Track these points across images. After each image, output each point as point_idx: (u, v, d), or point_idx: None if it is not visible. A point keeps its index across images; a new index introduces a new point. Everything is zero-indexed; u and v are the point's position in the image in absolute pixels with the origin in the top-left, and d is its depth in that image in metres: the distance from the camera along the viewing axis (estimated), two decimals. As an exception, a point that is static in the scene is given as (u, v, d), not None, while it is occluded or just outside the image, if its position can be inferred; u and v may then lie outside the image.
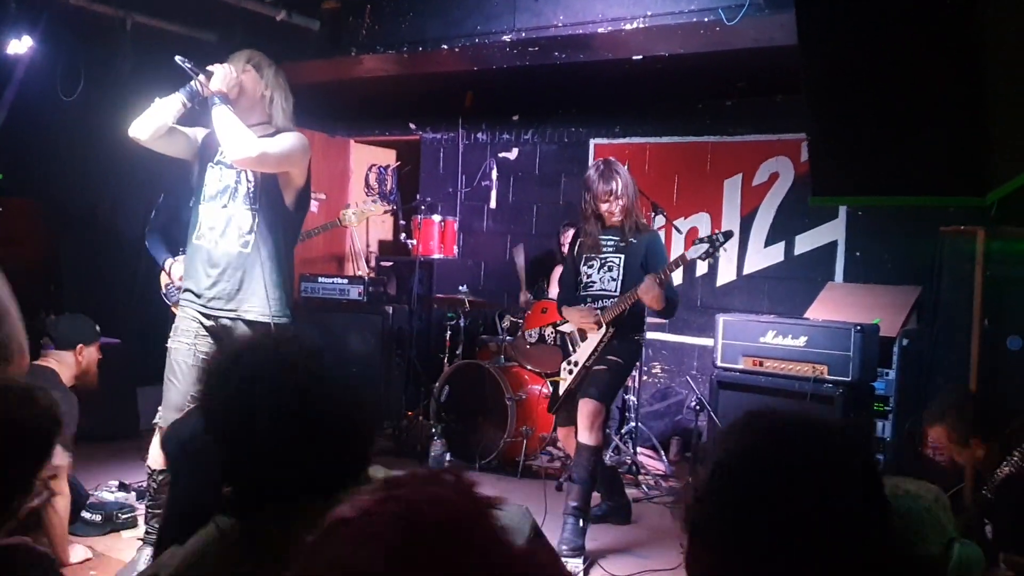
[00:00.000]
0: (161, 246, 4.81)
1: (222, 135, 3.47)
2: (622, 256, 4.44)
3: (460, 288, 6.43)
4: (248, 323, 3.57)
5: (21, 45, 4.64)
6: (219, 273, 3.57)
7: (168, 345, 3.62)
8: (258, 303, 3.56)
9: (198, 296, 3.60)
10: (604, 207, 4.41)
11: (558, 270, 6.57)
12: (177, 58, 3.50)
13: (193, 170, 3.74)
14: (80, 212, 6.07)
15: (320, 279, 6.68)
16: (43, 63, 4.87)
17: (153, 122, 3.52)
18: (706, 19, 4.42)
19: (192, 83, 3.53)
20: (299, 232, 3.86)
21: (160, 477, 3.58)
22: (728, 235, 4.37)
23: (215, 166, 3.66)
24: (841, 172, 2.25)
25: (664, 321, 5.81)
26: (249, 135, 3.47)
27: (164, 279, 4.87)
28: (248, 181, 3.59)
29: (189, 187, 3.77)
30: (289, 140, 3.58)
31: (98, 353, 4.22)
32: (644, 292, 4.21)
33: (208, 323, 3.59)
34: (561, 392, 4.53)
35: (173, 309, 4.48)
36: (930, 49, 2.09)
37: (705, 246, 4.31)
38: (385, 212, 6.49)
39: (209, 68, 3.52)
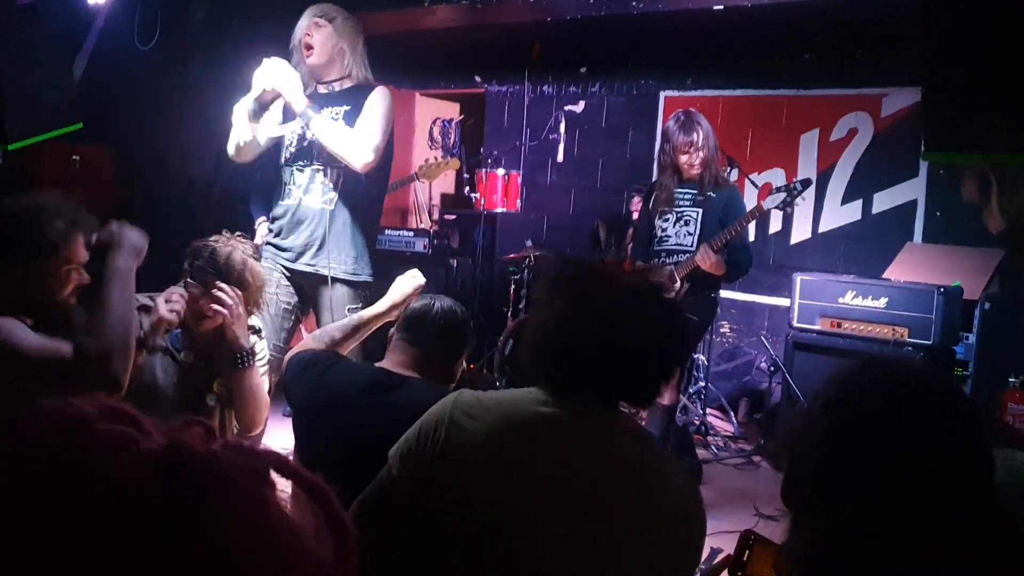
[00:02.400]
0: (262, 207, 4.79)
1: (334, 151, 3.44)
2: (700, 211, 4.34)
3: (526, 243, 6.39)
4: (331, 280, 3.56)
5: (101, -6, 4.66)
6: (303, 229, 3.57)
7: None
8: (340, 259, 3.55)
9: (282, 250, 3.60)
10: (683, 159, 4.31)
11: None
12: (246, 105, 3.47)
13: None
14: (152, 159, 6.13)
15: (387, 231, 6.67)
16: (121, 12, 4.88)
17: (239, 141, 3.56)
18: (794, -33, 4.26)
19: (253, 97, 3.48)
20: (384, 188, 3.83)
21: None
22: (806, 183, 4.26)
23: (296, 124, 3.64)
24: (959, 126, 2.14)
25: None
26: (354, 140, 3.42)
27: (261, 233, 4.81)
28: None
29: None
30: (380, 109, 3.53)
31: None
32: (700, 260, 4.14)
33: (290, 275, 3.60)
34: (637, 349, 4.46)
35: None
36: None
37: (783, 195, 4.22)
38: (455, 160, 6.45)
39: (258, 80, 3.42)
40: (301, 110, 3.41)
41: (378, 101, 3.55)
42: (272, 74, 3.39)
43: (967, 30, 2.14)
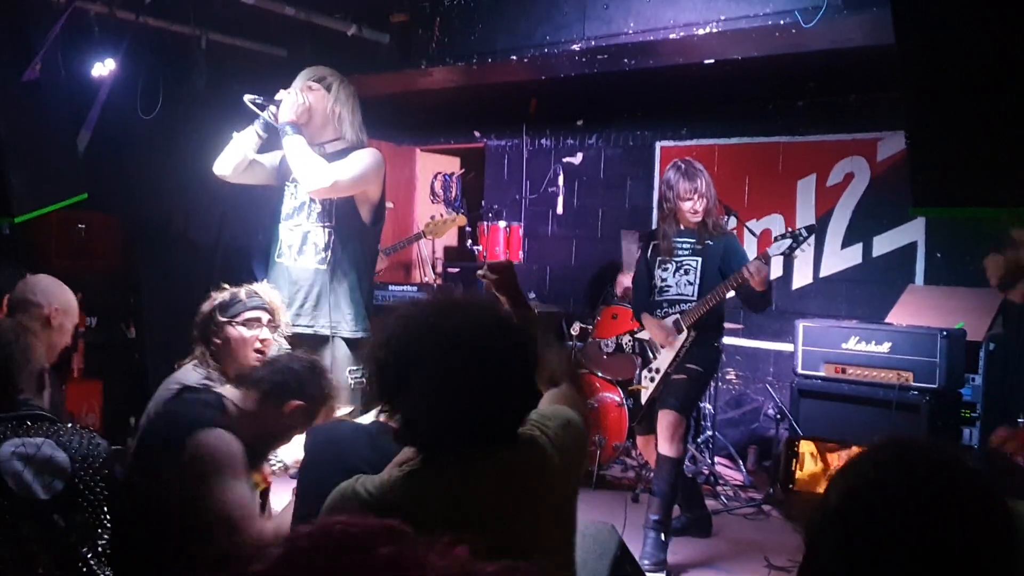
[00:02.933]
0: (264, 268, 4.84)
1: (294, 166, 3.50)
2: (699, 259, 4.36)
3: (529, 295, 6.41)
4: (325, 339, 3.59)
5: (104, 68, 4.76)
6: (298, 290, 3.60)
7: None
8: (335, 319, 3.58)
9: None
10: (687, 206, 4.33)
11: (625, 275, 6.51)
12: (246, 98, 3.56)
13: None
14: (156, 225, 6.19)
15: (390, 287, 6.71)
16: (124, 83, 4.98)
17: (233, 158, 3.61)
18: (782, 22, 4.31)
19: (265, 115, 3.57)
20: (377, 245, 3.87)
21: None
22: (812, 229, 4.23)
23: (290, 184, 3.69)
24: (947, 180, 2.16)
25: (738, 326, 5.72)
26: (320, 164, 3.47)
27: None
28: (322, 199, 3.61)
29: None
30: (362, 161, 3.57)
31: None
32: (757, 271, 4.08)
33: (289, 336, 3.63)
34: (644, 400, 4.46)
35: None
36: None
37: (788, 241, 4.20)
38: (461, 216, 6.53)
39: (277, 97, 3.55)
40: (283, 123, 3.49)
41: (364, 154, 3.61)
42: (287, 92, 3.56)
43: (948, 80, 2.18)
